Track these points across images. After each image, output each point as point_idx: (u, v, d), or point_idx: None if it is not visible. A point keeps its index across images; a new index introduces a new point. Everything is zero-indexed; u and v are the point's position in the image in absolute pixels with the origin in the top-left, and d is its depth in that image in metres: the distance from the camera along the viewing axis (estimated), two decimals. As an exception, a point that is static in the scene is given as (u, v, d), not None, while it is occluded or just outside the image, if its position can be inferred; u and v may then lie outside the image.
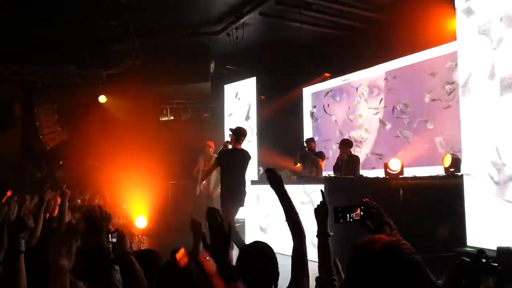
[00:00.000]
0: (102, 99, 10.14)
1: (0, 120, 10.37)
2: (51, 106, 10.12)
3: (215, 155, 6.67)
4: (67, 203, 4.35)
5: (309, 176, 7.25)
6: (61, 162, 10.73)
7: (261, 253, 2.13)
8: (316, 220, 2.31)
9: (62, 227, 3.80)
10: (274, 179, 2.29)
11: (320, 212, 2.31)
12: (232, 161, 5.79)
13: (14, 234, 1.98)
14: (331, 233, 2.30)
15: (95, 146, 9.63)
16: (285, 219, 2.24)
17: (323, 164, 7.38)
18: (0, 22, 7.29)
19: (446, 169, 5.73)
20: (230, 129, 5.97)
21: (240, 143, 5.82)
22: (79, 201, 8.31)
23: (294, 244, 2.17)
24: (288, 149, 8.15)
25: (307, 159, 7.36)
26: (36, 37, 7.96)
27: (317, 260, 2.27)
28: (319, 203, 2.38)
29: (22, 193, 8.12)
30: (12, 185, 9.25)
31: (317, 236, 2.26)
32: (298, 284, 2.07)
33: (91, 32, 8.10)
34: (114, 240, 2.37)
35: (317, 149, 7.59)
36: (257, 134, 8.86)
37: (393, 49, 7.06)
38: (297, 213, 2.22)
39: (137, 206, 8.96)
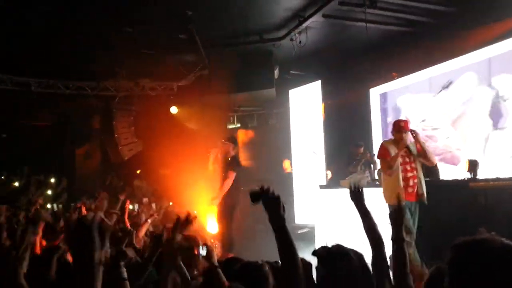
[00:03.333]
0: (174, 110, 10.60)
1: (81, 132, 11.23)
2: (128, 118, 10.74)
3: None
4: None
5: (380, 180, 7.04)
6: (138, 172, 11.35)
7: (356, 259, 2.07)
8: (391, 225, 2.26)
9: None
10: (356, 195, 2.40)
11: (395, 217, 2.26)
12: None
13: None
14: (406, 236, 2.22)
15: (168, 155, 10.07)
16: (363, 226, 2.28)
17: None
18: (78, 42, 7.90)
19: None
20: None
21: None
22: (153, 205, 8.76)
23: (373, 253, 2.15)
24: (355, 153, 7.96)
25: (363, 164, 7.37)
26: (112, 53, 8.53)
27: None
28: (394, 208, 2.30)
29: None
30: (92, 194, 9.99)
31: (391, 240, 2.20)
32: None
33: (162, 45, 8.53)
34: (204, 252, 2.50)
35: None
36: (323, 138, 8.75)
37: (466, 43, 6.62)
38: (376, 224, 2.25)
39: (208, 211, 9.19)
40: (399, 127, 5.02)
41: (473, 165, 5.42)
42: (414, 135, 4.99)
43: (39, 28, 7.36)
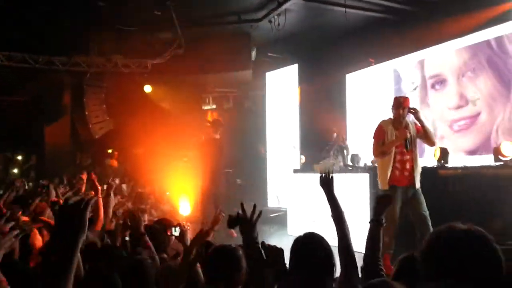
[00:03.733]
0: (148, 88, 10.37)
1: (51, 109, 10.87)
2: (99, 95, 10.44)
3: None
4: (112, 194, 4.45)
5: (353, 165, 7.13)
6: (109, 151, 11.11)
7: (317, 244, 2.12)
8: (375, 206, 2.32)
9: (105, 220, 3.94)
10: (326, 181, 2.41)
11: (381, 200, 2.33)
12: None
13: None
14: (385, 223, 2.27)
15: (141, 135, 9.89)
16: (330, 214, 2.31)
17: None
18: (48, 16, 7.57)
19: (497, 158, 5.37)
20: None
21: None
22: (124, 186, 8.63)
23: (338, 236, 2.20)
24: (328, 138, 8.02)
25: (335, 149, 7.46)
26: (83, 28, 8.23)
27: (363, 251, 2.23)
28: (385, 194, 2.35)
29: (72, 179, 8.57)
30: (62, 172, 9.75)
31: (370, 222, 2.26)
32: (348, 275, 2.06)
33: (136, 22, 8.28)
34: (177, 233, 2.51)
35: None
36: (299, 122, 8.76)
37: (444, 31, 6.70)
38: (343, 212, 2.28)
39: (180, 193, 9.14)
40: (399, 103, 4.65)
41: (444, 153, 5.55)
42: (414, 113, 4.63)
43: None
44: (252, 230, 2.05)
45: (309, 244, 2.13)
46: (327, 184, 2.42)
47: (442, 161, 5.60)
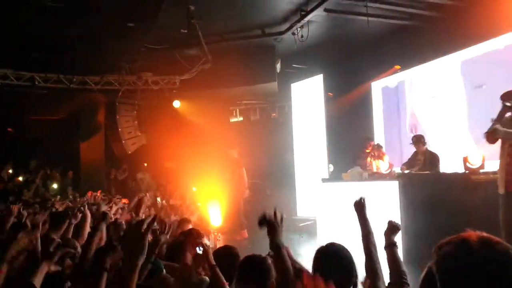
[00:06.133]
0: (177, 104, 10.66)
1: (85, 126, 11.30)
2: (131, 112, 10.79)
3: None
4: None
5: (381, 173, 7.10)
6: (145, 164, 11.44)
7: (338, 254, 2.17)
8: (385, 234, 2.38)
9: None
10: (359, 205, 2.47)
11: (390, 227, 2.39)
12: None
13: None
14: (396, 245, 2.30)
15: (172, 149, 10.16)
16: (361, 234, 2.34)
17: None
18: (80, 38, 7.93)
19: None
20: None
21: None
22: (158, 198, 8.88)
23: (366, 256, 2.23)
24: (357, 146, 8.02)
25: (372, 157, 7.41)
26: (114, 48, 8.57)
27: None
28: (389, 222, 2.42)
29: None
30: (97, 187, 10.08)
31: (384, 248, 2.32)
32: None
33: (164, 41, 8.57)
34: (200, 252, 2.56)
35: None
36: (326, 131, 8.81)
37: (469, 36, 6.64)
38: (372, 233, 2.31)
39: (211, 204, 9.30)
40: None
41: (483, 158, 5.45)
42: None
43: (43, 23, 7.39)
44: (276, 233, 2.08)
45: (331, 253, 2.19)
46: (360, 207, 2.46)
47: (477, 166, 5.50)
